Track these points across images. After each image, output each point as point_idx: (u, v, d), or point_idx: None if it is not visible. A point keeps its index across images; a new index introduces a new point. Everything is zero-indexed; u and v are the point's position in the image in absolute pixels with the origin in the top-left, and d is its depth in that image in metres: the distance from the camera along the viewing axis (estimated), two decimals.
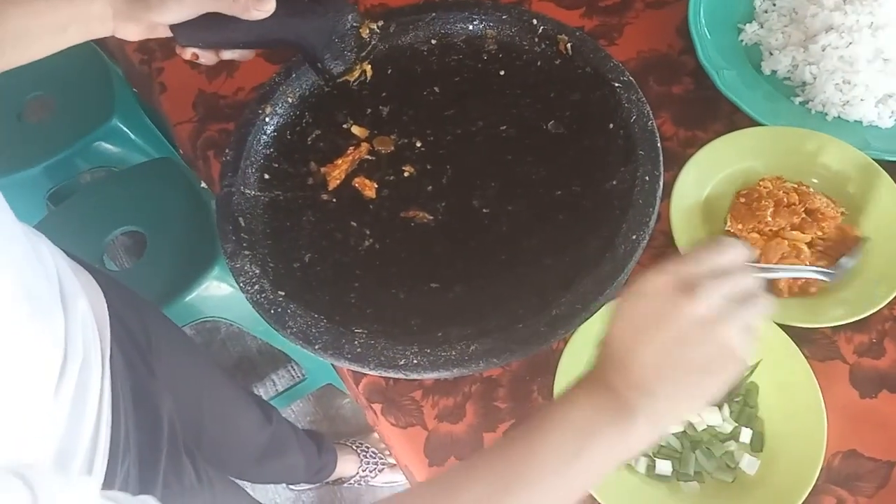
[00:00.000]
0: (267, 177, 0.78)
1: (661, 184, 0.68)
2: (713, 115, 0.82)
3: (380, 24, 0.79)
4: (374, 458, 1.50)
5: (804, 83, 0.81)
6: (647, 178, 0.67)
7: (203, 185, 1.31)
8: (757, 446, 0.62)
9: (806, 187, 0.72)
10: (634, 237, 0.64)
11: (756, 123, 0.77)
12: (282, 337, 0.66)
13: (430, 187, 0.76)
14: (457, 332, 0.64)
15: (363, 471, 1.48)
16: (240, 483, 1.02)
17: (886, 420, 0.64)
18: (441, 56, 0.84)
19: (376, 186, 0.76)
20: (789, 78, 0.83)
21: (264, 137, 0.80)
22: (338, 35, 0.69)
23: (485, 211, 0.73)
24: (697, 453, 0.62)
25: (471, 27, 0.84)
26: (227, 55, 0.69)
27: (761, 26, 0.87)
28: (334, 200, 0.76)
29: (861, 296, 0.66)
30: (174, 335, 0.88)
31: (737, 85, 0.80)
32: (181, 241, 1.29)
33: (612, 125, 0.74)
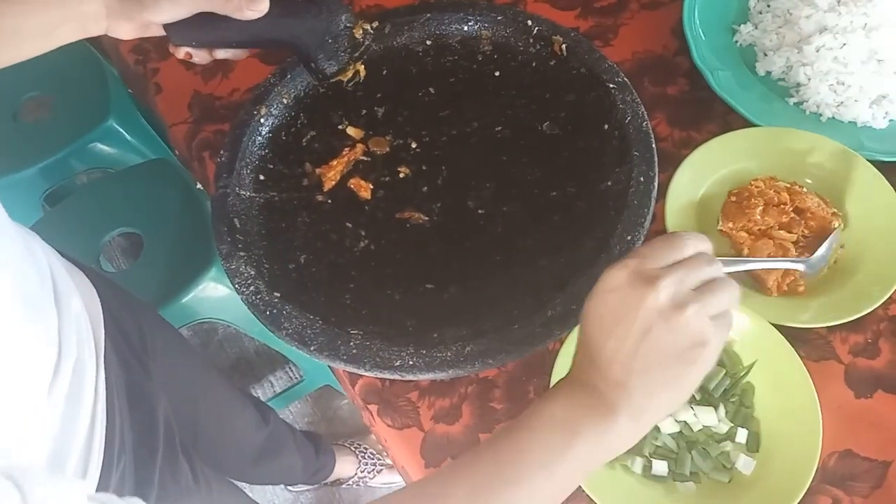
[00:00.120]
0: (262, 178, 0.78)
1: (656, 184, 0.68)
2: (708, 116, 0.83)
3: (374, 25, 0.79)
4: (372, 459, 1.50)
5: (798, 84, 0.82)
6: (642, 178, 0.68)
7: (199, 187, 1.31)
8: (753, 446, 0.62)
9: (799, 187, 0.72)
10: (629, 238, 0.64)
11: (750, 124, 0.77)
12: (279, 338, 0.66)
13: (425, 188, 0.76)
14: (452, 332, 0.64)
15: (361, 472, 1.48)
16: (238, 484, 1.02)
17: (882, 420, 0.64)
18: (436, 57, 0.84)
19: (371, 187, 0.76)
20: (783, 79, 0.83)
21: (259, 138, 0.80)
22: (331, 35, 0.69)
23: (480, 212, 0.73)
24: (694, 454, 0.62)
25: (466, 28, 0.84)
26: (221, 54, 0.69)
27: (756, 27, 0.87)
28: (329, 201, 0.76)
29: (856, 296, 0.66)
30: (170, 336, 0.88)
31: (731, 86, 0.81)
32: (178, 243, 1.29)
33: (606, 126, 0.74)
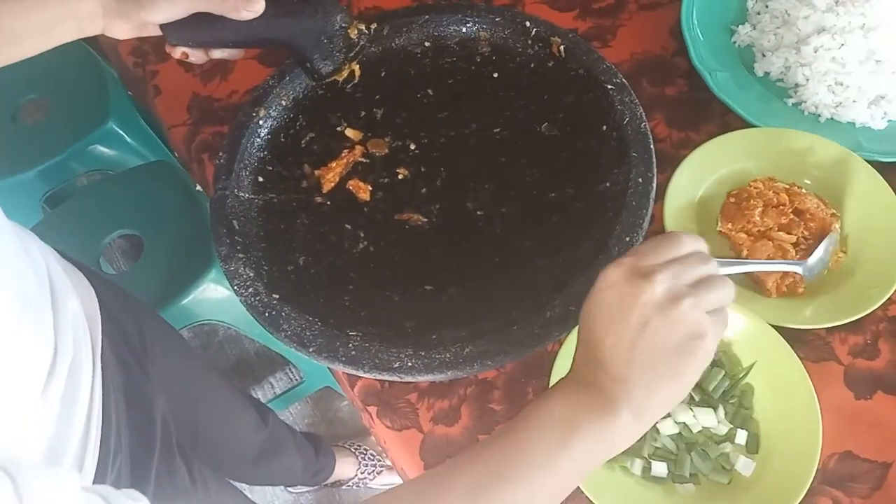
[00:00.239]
0: (261, 180, 0.78)
1: (655, 185, 0.68)
2: (706, 117, 0.83)
3: (369, 26, 0.79)
4: (372, 461, 1.50)
5: (797, 85, 0.82)
6: (641, 179, 0.67)
7: (199, 188, 1.31)
8: (752, 448, 0.62)
9: (798, 188, 0.72)
10: (628, 239, 0.64)
11: (749, 125, 0.77)
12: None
13: (424, 190, 0.76)
14: (451, 334, 0.64)
15: (361, 473, 1.48)
16: (238, 485, 1.02)
17: (881, 421, 0.64)
18: (434, 58, 0.84)
19: (370, 189, 0.76)
20: (782, 79, 0.83)
21: (258, 140, 0.80)
22: (327, 35, 0.69)
23: (479, 213, 0.73)
24: (693, 455, 0.62)
25: (464, 29, 0.84)
26: (217, 54, 0.69)
27: (754, 28, 0.87)
28: (328, 203, 0.76)
29: (855, 297, 0.66)
30: (169, 337, 0.88)
31: (730, 86, 0.81)
32: (178, 244, 1.29)
33: (605, 127, 0.74)
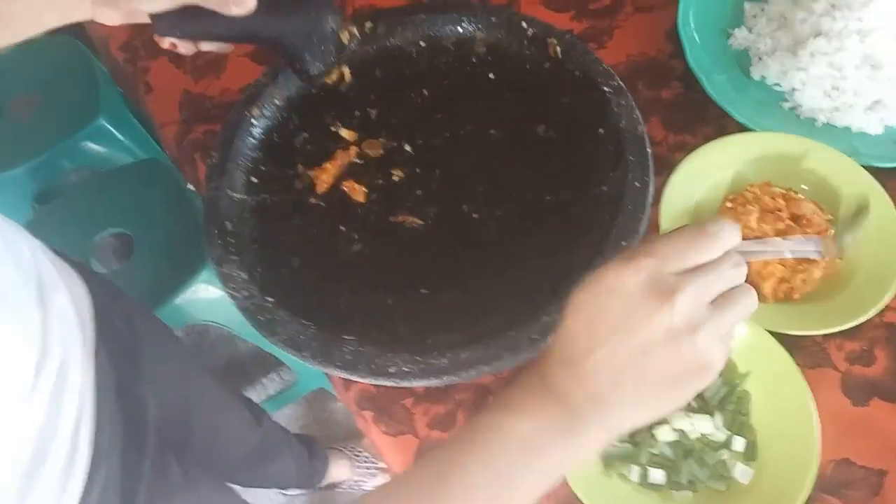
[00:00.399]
0: (254, 180, 0.77)
1: (651, 189, 0.67)
2: (702, 120, 0.82)
3: (365, 26, 0.79)
4: (366, 463, 1.49)
5: (793, 89, 0.81)
6: (637, 183, 0.67)
7: (190, 187, 1.30)
8: (750, 455, 0.62)
9: (794, 193, 0.72)
10: (624, 243, 0.64)
11: (745, 128, 0.77)
12: None
13: (419, 191, 0.75)
14: (446, 338, 0.64)
15: (356, 475, 1.48)
16: (232, 488, 1.01)
17: (878, 428, 0.64)
18: (430, 58, 0.83)
19: (365, 190, 0.76)
20: (778, 83, 0.83)
21: (251, 140, 0.79)
22: (317, 37, 0.69)
23: (474, 216, 0.73)
24: (690, 462, 0.61)
25: (460, 29, 0.83)
26: (207, 47, 0.68)
27: (750, 31, 0.86)
28: (322, 204, 0.76)
29: (851, 303, 0.66)
30: (163, 336, 0.87)
31: (726, 90, 0.80)
32: (169, 243, 1.28)
33: (601, 130, 0.73)
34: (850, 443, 0.63)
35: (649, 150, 0.70)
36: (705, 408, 0.63)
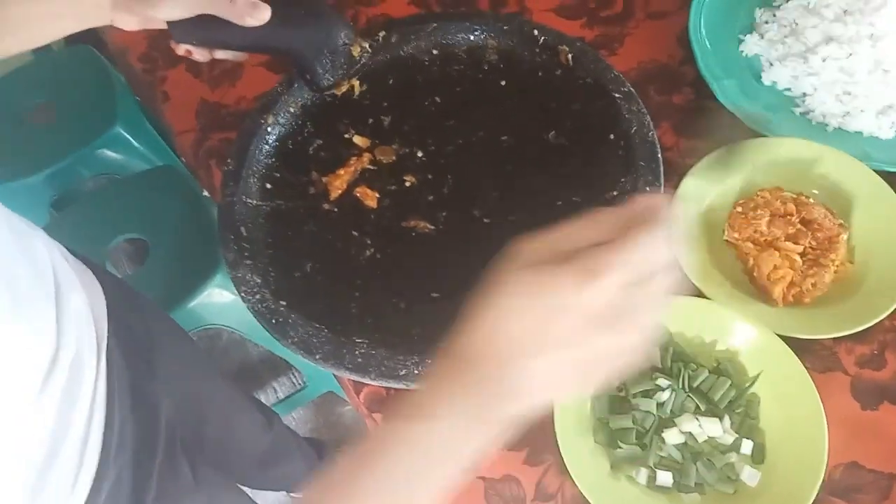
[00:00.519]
0: (269, 186, 0.78)
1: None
2: (713, 126, 0.83)
3: (378, 37, 0.80)
4: None
5: (804, 94, 0.82)
6: (648, 188, 0.68)
7: (205, 194, 1.32)
8: (758, 458, 0.62)
9: (805, 198, 0.72)
10: None
11: (756, 134, 0.77)
12: None
13: (431, 197, 0.76)
14: None
15: None
16: (241, 489, 1.02)
17: (888, 432, 0.64)
18: (442, 66, 0.84)
19: (377, 196, 0.77)
20: (789, 89, 0.83)
21: (266, 147, 0.80)
22: (329, 49, 0.70)
23: (485, 221, 0.73)
24: (698, 465, 0.62)
25: (472, 37, 0.84)
26: (221, 55, 0.70)
27: (762, 37, 0.87)
28: (336, 210, 0.77)
29: (862, 307, 0.66)
30: (178, 338, 0.88)
31: (737, 95, 0.81)
32: (183, 249, 1.29)
33: (612, 136, 0.74)
34: (859, 446, 0.63)
35: (660, 155, 0.70)
36: (714, 411, 0.63)
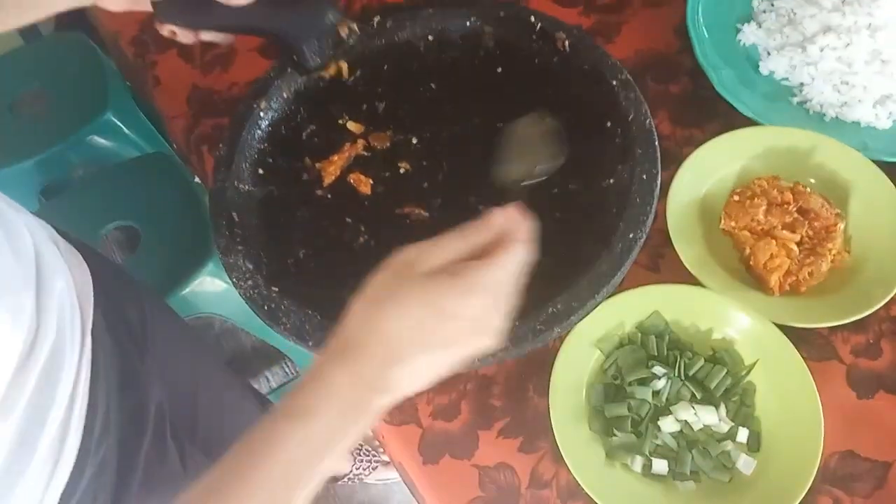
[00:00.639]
0: (261, 172, 0.77)
1: (659, 182, 0.67)
2: (711, 115, 0.82)
3: (376, 20, 0.79)
4: (367, 456, 1.49)
5: (802, 84, 0.81)
6: (645, 176, 0.67)
7: (197, 180, 1.31)
8: (753, 446, 0.62)
9: (803, 187, 0.72)
10: (631, 236, 0.64)
11: (753, 123, 0.77)
12: (276, 333, 0.65)
13: (425, 184, 0.75)
14: None
15: (357, 468, 1.48)
16: None
17: (883, 420, 0.64)
18: (438, 52, 0.83)
19: (371, 182, 0.76)
20: (787, 78, 0.83)
21: (259, 132, 0.79)
22: (316, 30, 0.69)
23: (481, 208, 0.72)
24: (694, 453, 0.62)
25: (468, 24, 0.83)
26: (206, 37, 0.69)
27: (759, 27, 0.86)
28: (329, 196, 0.76)
29: (858, 296, 0.66)
30: (173, 324, 0.87)
31: (734, 85, 0.80)
32: (175, 237, 1.29)
33: (609, 123, 0.73)
34: (855, 435, 0.63)
35: (657, 143, 0.70)
36: (710, 399, 0.63)
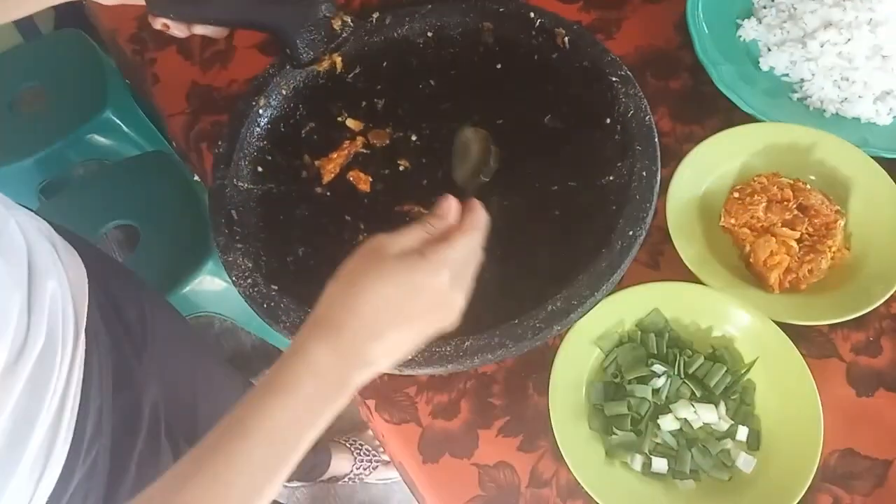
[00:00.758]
0: (260, 169, 0.77)
1: (658, 179, 0.67)
2: (711, 111, 0.82)
3: (375, 17, 0.78)
4: (367, 456, 1.49)
5: (802, 80, 0.81)
6: (645, 173, 0.67)
7: (196, 178, 1.30)
8: (753, 444, 0.62)
9: (802, 184, 0.72)
10: (631, 233, 0.64)
11: (754, 119, 0.77)
12: (275, 332, 0.65)
13: (425, 181, 0.75)
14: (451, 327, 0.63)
15: (357, 469, 1.48)
16: None
17: (883, 418, 0.64)
18: (437, 49, 0.83)
19: (371, 180, 0.76)
20: (787, 74, 0.82)
21: (258, 130, 0.79)
22: (310, 23, 0.69)
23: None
24: (694, 451, 0.61)
25: (467, 20, 0.83)
26: (199, 30, 0.68)
27: (760, 22, 0.86)
28: (328, 194, 0.76)
29: (858, 294, 0.65)
30: (174, 323, 0.87)
31: (734, 81, 0.80)
32: (174, 235, 1.28)
33: (609, 120, 0.73)
34: (855, 433, 0.63)
35: (657, 139, 0.70)
36: (710, 397, 0.63)
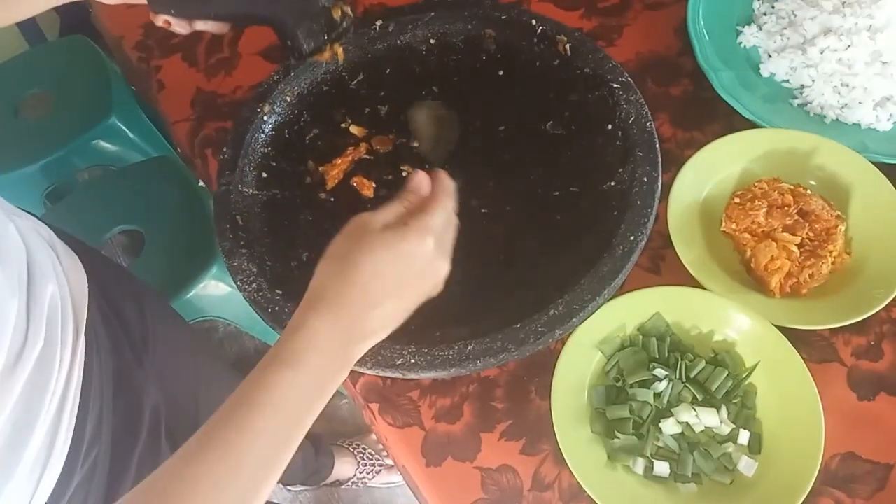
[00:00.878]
0: (265, 175, 0.78)
1: (660, 185, 0.68)
2: (711, 117, 0.82)
3: (378, 24, 0.79)
4: (371, 460, 1.49)
5: (802, 86, 0.81)
6: (646, 178, 0.67)
7: (201, 184, 1.31)
8: (755, 448, 0.62)
9: (803, 189, 0.72)
10: (632, 238, 0.64)
11: (754, 125, 0.77)
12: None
13: None
14: (454, 332, 0.64)
15: (360, 473, 1.48)
16: None
17: (884, 422, 0.64)
18: (440, 56, 0.84)
19: (374, 186, 0.76)
20: (788, 80, 0.83)
21: (262, 136, 0.79)
22: (310, 14, 0.69)
23: (483, 211, 0.73)
24: (695, 455, 0.62)
25: (470, 27, 0.84)
26: (200, 26, 0.69)
27: (760, 29, 0.87)
28: (332, 199, 0.76)
29: (859, 298, 0.66)
30: (175, 327, 0.88)
31: (735, 87, 0.80)
32: (179, 240, 1.29)
33: (610, 126, 0.73)
34: (856, 437, 0.63)
35: (658, 145, 0.70)
36: (711, 401, 0.63)
